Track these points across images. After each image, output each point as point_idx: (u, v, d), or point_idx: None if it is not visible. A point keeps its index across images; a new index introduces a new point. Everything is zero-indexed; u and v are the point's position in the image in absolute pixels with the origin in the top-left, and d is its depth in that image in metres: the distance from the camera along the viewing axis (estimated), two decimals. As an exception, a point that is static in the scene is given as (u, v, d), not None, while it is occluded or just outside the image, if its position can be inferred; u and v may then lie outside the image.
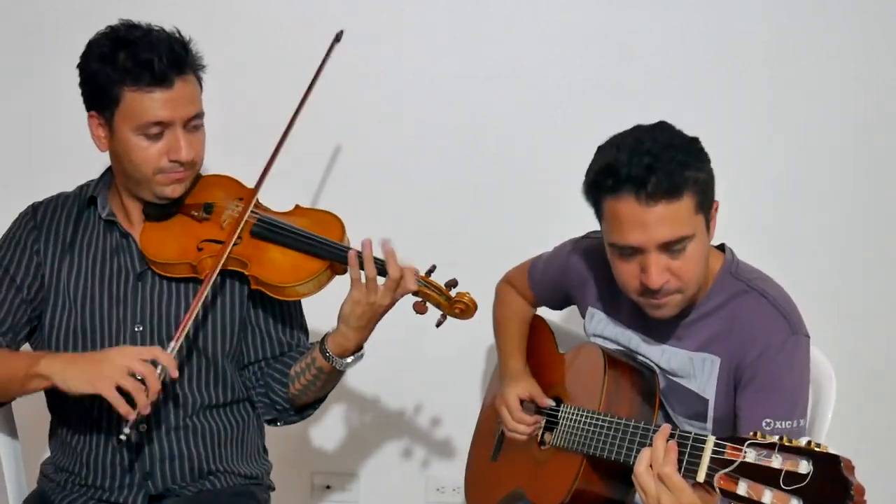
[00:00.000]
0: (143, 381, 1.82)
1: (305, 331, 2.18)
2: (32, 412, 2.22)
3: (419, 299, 1.97)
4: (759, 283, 1.94)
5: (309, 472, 2.90)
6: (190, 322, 1.92)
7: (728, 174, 2.72)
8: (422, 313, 1.98)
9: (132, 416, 1.82)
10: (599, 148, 1.88)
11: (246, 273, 2.00)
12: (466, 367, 2.34)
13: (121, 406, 1.81)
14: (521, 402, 2.14)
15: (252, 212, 2.04)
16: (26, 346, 2.08)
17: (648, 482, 1.64)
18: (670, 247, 1.81)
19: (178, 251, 2.00)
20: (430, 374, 2.83)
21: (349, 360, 2.01)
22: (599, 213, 1.89)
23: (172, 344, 1.89)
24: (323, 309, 2.06)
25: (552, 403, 2.12)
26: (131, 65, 1.90)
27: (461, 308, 1.97)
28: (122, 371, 1.81)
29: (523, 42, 2.74)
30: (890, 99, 2.73)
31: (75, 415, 2.04)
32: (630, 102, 2.73)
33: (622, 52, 2.73)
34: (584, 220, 2.07)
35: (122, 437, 1.84)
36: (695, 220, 1.82)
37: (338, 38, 2.23)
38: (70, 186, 2.15)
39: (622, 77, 2.73)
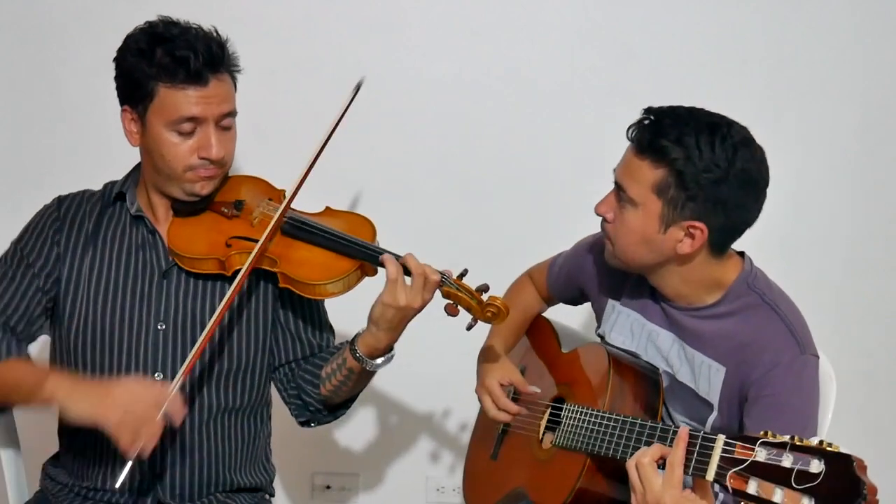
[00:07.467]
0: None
1: (332, 331, 2.18)
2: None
3: (451, 302, 1.96)
4: (772, 297, 1.94)
5: (309, 472, 2.90)
6: (216, 328, 1.90)
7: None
8: (454, 315, 1.97)
9: (132, 453, 1.79)
10: None
11: (275, 270, 1.97)
12: (467, 368, 2.34)
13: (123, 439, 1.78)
14: (502, 386, 2.15)
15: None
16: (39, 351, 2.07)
17: (651, 475, 1.62)
18: None
19: (206, 246, 1.98)
20: (431, 374, 2.82)
21: (379, 361, 1.99)
22: None
23: (186, 361, 1.87)
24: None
25: (536, 390, 2.13)
26: (168, 61, 1.90)
27: (493, 312, 1.94)
28: (128, 406, 1.79)
29: (523, 41, 2.74)
30: (890, 99, 2.74)
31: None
32: (629, 101, 2.71)
33: (622, 51, 2.73)
34: (585, 219, 2.08)
35: (118, 482, 1.81)
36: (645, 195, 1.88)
37: (358, 87, 2.15)
38: (92, 185, 2.14)
39: (622, 76, 2.74)
